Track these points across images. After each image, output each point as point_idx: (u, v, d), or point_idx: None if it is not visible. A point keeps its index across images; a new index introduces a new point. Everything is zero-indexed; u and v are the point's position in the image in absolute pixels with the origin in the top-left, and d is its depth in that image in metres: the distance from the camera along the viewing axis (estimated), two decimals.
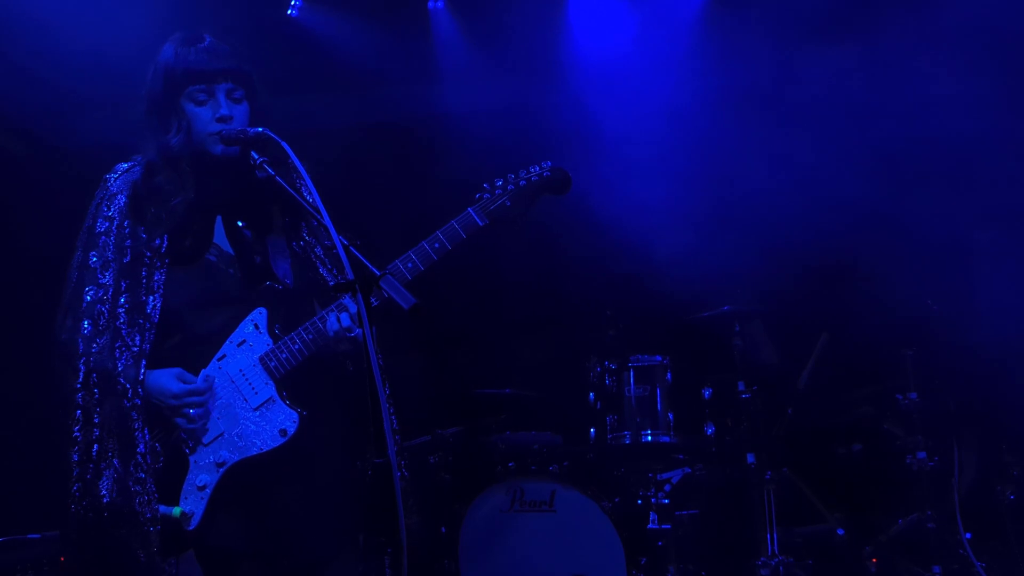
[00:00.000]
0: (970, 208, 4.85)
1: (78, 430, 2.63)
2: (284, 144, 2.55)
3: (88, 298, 2.70)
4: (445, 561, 4.67)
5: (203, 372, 2.74)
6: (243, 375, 2.75)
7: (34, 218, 5.28)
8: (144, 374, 2.66)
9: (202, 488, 2.67)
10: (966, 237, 4.90)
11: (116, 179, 2.83)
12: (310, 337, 2.74)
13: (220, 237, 2.84)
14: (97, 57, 4.77)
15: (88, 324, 2.68)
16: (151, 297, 2.70)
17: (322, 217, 2.36)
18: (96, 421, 2.63)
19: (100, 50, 4.72)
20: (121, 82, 3.16)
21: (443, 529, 4.79)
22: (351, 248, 2.31)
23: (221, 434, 2.72)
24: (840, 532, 4.89)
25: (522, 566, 4.51)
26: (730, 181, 5.30)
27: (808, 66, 5.20)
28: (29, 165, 5.80)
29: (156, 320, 2.70)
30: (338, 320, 2.71)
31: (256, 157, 2.67)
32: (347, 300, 2.71)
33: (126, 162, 2.87)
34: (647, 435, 4.69)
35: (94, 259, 2.73)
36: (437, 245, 2.78)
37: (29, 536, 3.77)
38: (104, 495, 2.58)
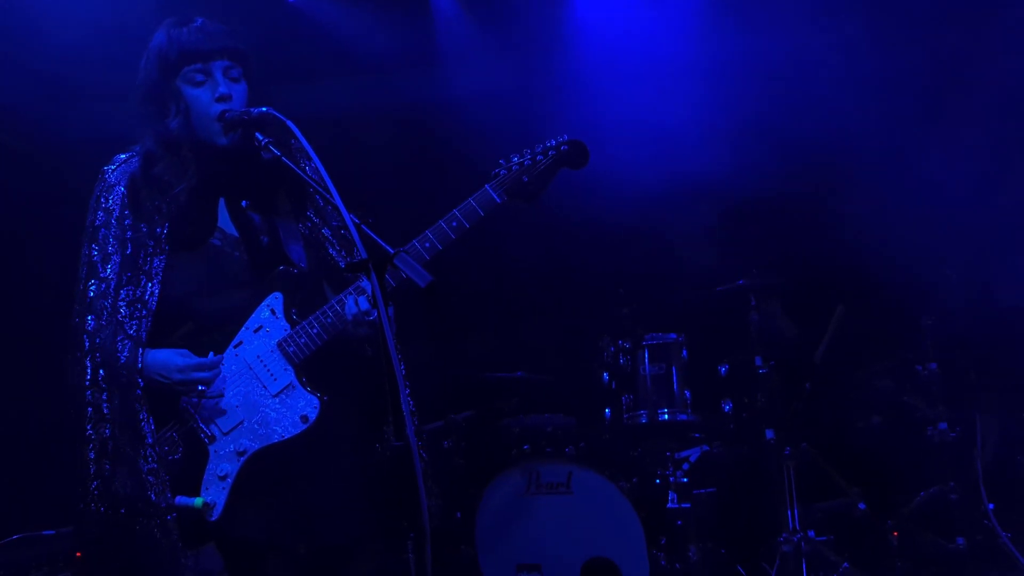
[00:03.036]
0: (988, 173, 4.78)
1: (91, 427, 2.60)
2: (289, 123, 2.48)
3: (91, 293, 2.67)
4: (462, 546, 4.63)
5: (211, 354, 2.68)
6: (261, 361, 2.70)
7: (36, 213, 5.23)
8: (142, 360, 2.61)
9: (223, 477, 2.63)
10: (984, 203, 4.82)
11: (114, 170, 2.77)
12: (329, 321, 2.69)
13: (224, 220, 2.78)
14: (92, 47, 4.71)
15: (92, 319, 2.65)
16: (149, 284, 2.66)
17: (332, 197, 2.30)
18: (108, 417, 2.59)
19: (95, 40, 4.65)
20: (118, 72, 3.10)
21: (458, 514, 4.75)
22: (363, 227, 2.25)
23: (241, 422, 2.67)
24: (861, 506, 4.84)
25: (540, 549, 4.47)
26: (740, 155, 5.22)
27: (818, 34, 5.12)
28: (26, 158, 5.74)
29: (153, 307, 2.65)
30: (356, 303, 2.67)
31: (260, 138, 2.61)
32: (365, 283, 2.66)
33: (124, 153, 2.82)
34: (664, 414, 4.65)
35: (95, 253, 2.70)
36: (455, 223, 2.72)
37: (44, 532, 3.74)
38: (120, 490, 2.55)
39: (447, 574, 4.56)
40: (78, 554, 3.75)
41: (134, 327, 2.63)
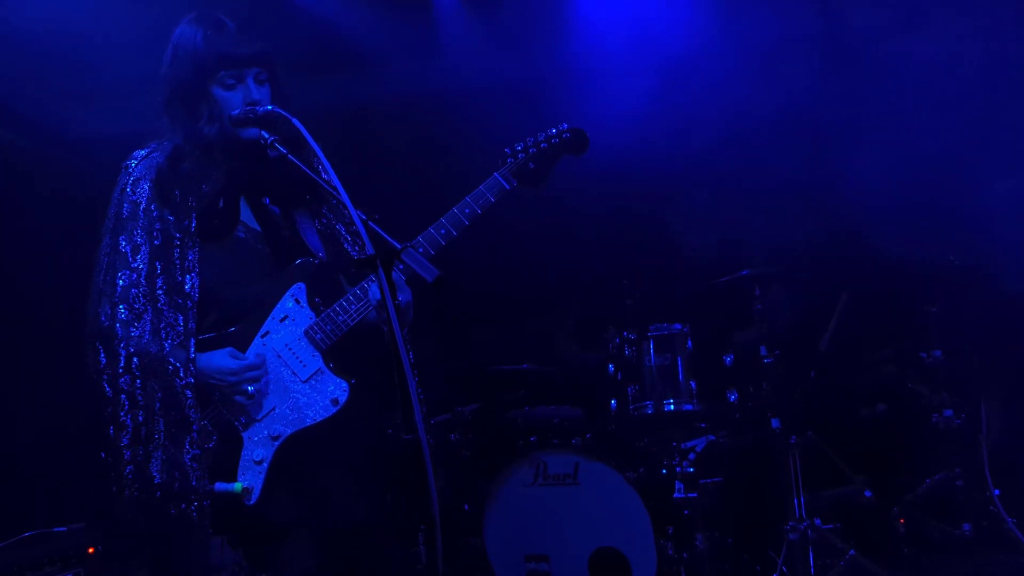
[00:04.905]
0: (990, 159, 4.78)
1: (124, 414, 2.66)
2: (295, 121, 2.51)
3: (121, 283, 2.72)
4: (470, 538, 4.65)
5: (250, 349, 2.77)
6: (289, 349, 2.79)
7: (44, 209, 5.24)
8: (195, 354, 2.69)
9: (259, 462, 2.71)
10: (987, 189, 4.83)
11: (137, 165, 2.82)
12: (354, 308, 2.79)
13: (246, 214, 2.87)
14: (98, 47, 4.71)
15: (124, 309, 2.70)
16: (188, 276, 2.73)
17: (339, 194, 2.33)
18: (141, 403, 2.65)
19: (101, 39, 4.66)
20: (120, 72, 3.11)
21: (466, 507, 4.77)
22: (369, 223, 2.29)
23: (273, 409, 2.76)
24: (867, 494, 4.87)
25: (548, 540, 4.49)
26: (743, 143, 5.22)
27: (814, 18, 5.12)
28: (32, 158, 5.75)
29: (197, 298, 2.73)
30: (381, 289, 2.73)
31: (267, 136, 2.65)
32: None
33: (142, 149, 2.86)
34: (669, 404, 4.66)
35: (123, 244, 2.74)
36: (468, 210, 2.85)
37: (55, 529, 3.77)
38: (155, 476, 2.62)
39: (456, 566, 4.59)
40: (90, 549, 3.79)
41: (180, 319, 2.70)
